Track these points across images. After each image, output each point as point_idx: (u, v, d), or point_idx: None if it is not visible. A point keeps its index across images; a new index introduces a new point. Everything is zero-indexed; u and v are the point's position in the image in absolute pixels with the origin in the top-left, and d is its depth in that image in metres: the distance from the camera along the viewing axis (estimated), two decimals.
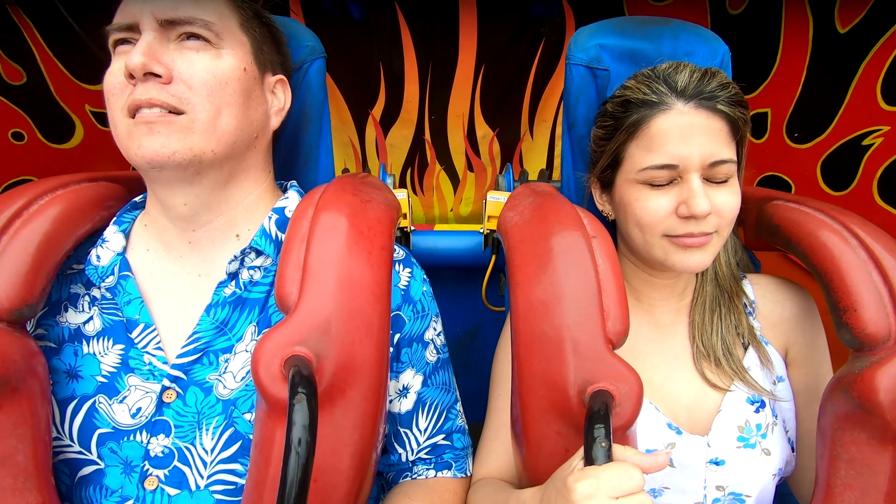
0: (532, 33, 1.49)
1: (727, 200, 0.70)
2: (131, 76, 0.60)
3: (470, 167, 1.76)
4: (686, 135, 0.68)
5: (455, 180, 1.79)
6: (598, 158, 0.80)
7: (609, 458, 0.50)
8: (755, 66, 1.26)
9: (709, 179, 0.70)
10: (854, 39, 1.15)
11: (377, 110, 1.63)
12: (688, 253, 0.71)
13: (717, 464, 0.74)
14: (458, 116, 1.64)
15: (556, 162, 1.73)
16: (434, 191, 1.80)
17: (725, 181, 0.71)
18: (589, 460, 0.50)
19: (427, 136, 1.68)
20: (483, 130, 1.68)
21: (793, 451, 0.78)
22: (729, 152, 0.70)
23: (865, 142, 1.22)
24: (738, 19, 1.26)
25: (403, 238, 1.37)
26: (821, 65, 1.19)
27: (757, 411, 0.75)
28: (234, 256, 0.67)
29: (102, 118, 1.27)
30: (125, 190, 0.76)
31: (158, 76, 0.60)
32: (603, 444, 0.50)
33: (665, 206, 0.70)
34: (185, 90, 0.61)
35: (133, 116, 0.60)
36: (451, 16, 1.45)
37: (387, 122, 1.66)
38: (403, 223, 1.34)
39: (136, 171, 0.70)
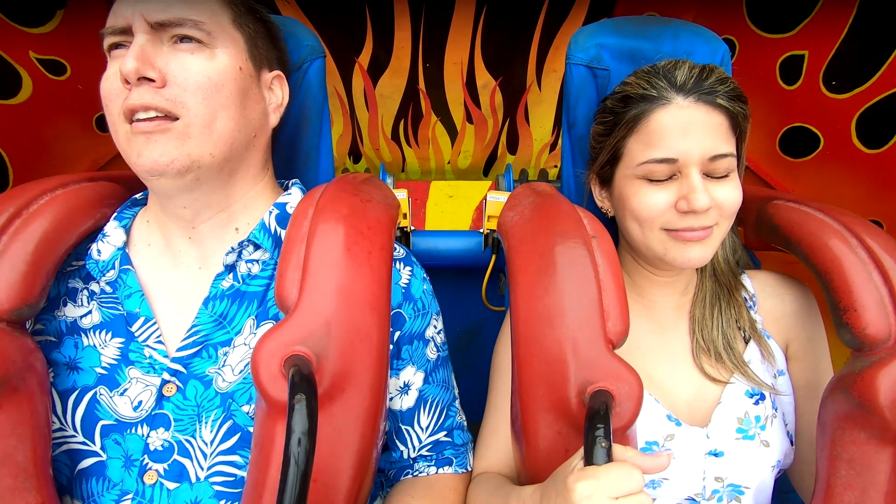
0: None
1: (728, 195, 0.70)
2: (126, 81, 0.60)
3: (469, 119, 1.60)
4: (686, 129, 0.68)
5: (453, 132, 1.64)
6: (598, 155, 0.80)
7: (609, 458, 0.50)
8: (795, 1, 1.08)
9: (708, 175, 0.70)
10: None
11: (364, 58, 1.46)
12: (687, 247, 0.71)
13: (716, 455, 0.74)
14: (455, 64, 1.48)
15: None
16: (430, 143, 1.66)
17: (726, 176, 0.70)
18: (589, 460, 0.50)
19: (421, 85, 1.53)
20: (484, 79, 1.52)
21: (791, 445, 0.79)
22: (728, 147, 0.70)
23: None
24: None
25: (403, 238, 1.37)
26: (874, 3, 1.00)
27: (756, 403, 0.75)
28: (231, 248, 0.67)
29: (53, 67, 1.10)
30: (125, 189, 0.76)
31: (152, 80, 0.60)
32: (603, 445, 0.50)
33: (664, 201, 0.70)
34: (179, 93, 0.61)
35: (131, 122, 0.61)
36: None
37: (375, 71, 1.50)
38: (403, 223, 1.34)
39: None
